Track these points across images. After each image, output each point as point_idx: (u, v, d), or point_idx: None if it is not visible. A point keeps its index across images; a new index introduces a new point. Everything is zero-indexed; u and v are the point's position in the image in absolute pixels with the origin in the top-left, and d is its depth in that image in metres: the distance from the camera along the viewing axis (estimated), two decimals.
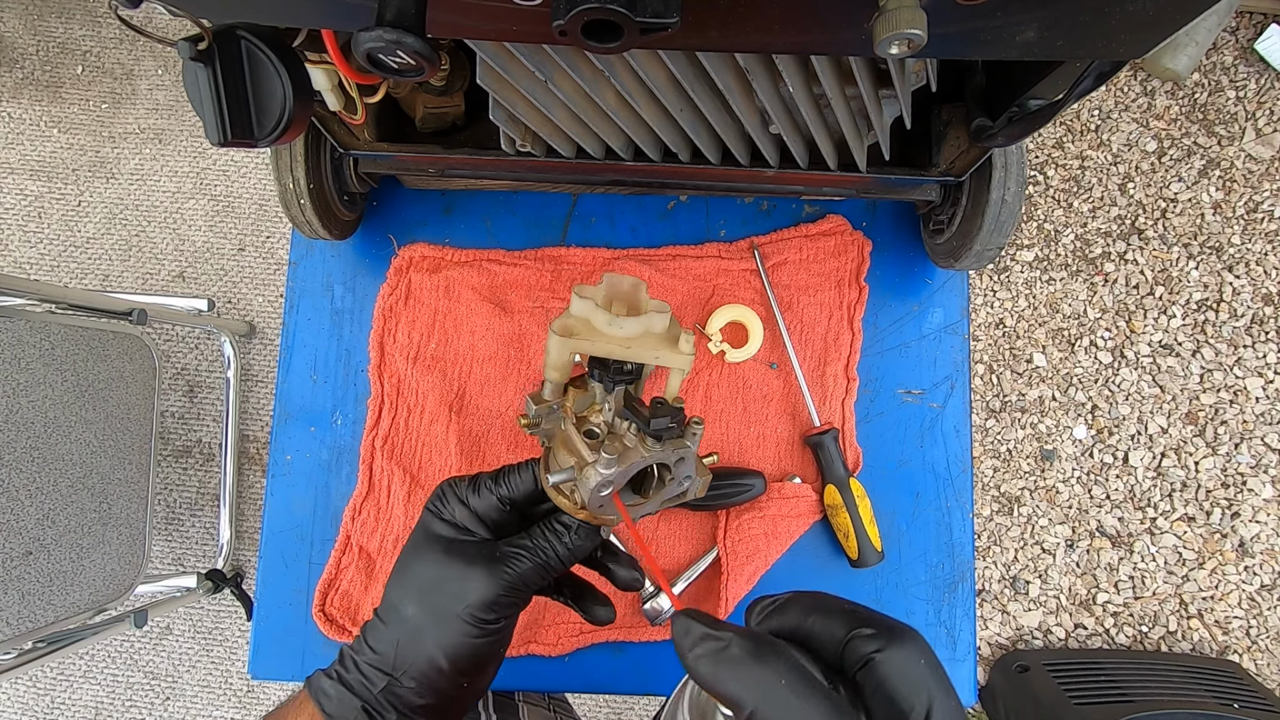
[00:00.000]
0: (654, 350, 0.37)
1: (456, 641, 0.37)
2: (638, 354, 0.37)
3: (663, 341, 0.38)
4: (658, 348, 0.37)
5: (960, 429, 0.65)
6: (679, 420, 0.37)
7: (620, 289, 0.39)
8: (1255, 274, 1.44)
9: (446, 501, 0.41)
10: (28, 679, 1.41)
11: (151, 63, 1.52)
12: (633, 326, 0.37)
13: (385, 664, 0.37)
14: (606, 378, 0.39)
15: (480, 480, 0.41)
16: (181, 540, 1.43)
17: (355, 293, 0.67)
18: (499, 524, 0.40)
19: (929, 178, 0.57)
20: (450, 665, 0.37)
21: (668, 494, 0.39)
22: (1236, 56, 1.50)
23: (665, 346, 0.37)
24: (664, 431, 0.36)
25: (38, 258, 1.48)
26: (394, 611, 0.38)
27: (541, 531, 0.39)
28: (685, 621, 0.27)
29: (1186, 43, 1.39)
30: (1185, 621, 1.38)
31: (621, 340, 0.37)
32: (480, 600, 0.37)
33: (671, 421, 0.36)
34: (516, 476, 0.40)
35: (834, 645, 0.27)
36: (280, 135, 0.38)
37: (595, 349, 0.37)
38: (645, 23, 0.26)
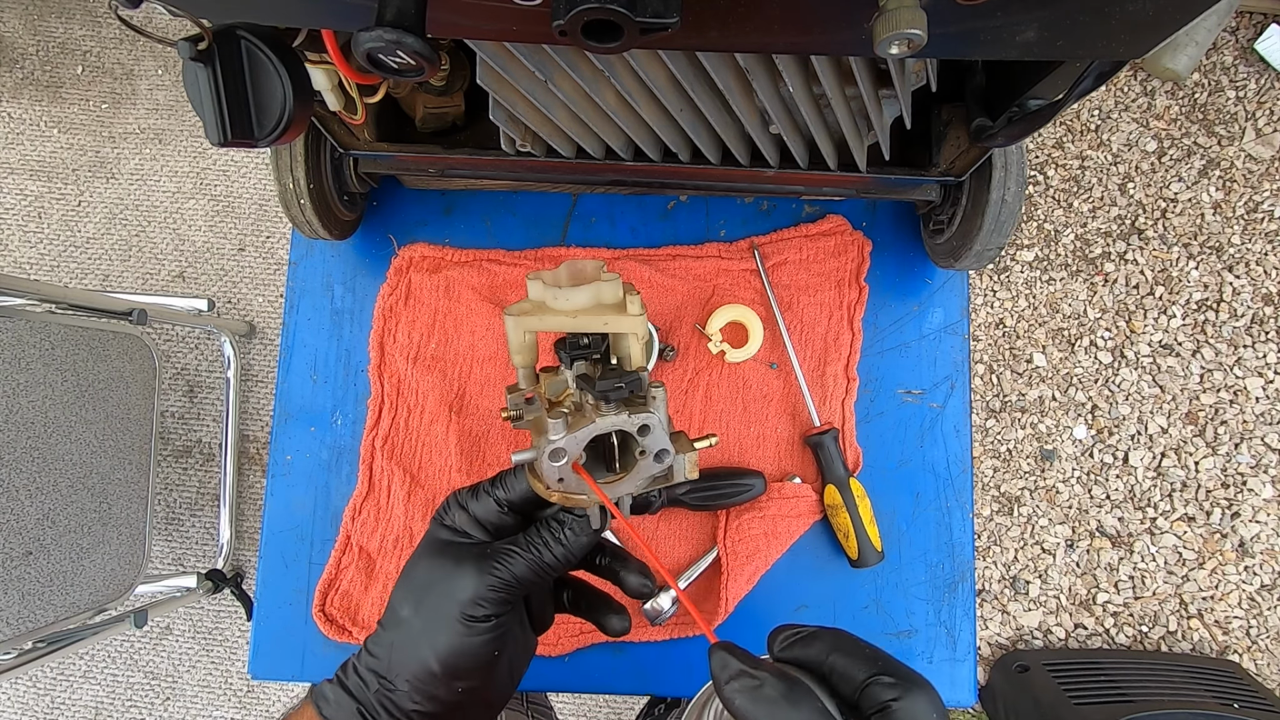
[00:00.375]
0: (601, 318, 0.36)
1: (447, 641, 0.37)
2: (585, 324, 0.37)
3: (611, 309, 0.37)
4: (605, 314, 0.36)
5: (960, 429, 0.65)
6: (632, 383, 0.36)
7: (580, 272, 0.39)
8: (1255, 274, 1.44)
9: (449, 509, 0.41)
10: (28, 679, 1.41)
11: (151, 63, 1.52)
12: (579, 297, 0.37)
13: (381, 667, 0.37)
14: (565, 354, 0.39)
15: (480, 485, 0.41)
16: (181, 540, 1.43)
17: (355, 293, 0.67)
18: (499, 527, 0.40)
19: (929, 178, 0.57)
20: (442, 667, 0.36)
21: (646, 472, 0.38)
22: (1236, 56, 1.50)
23: (613, 313, 0.37)
24: (610, 392, 0.35)
25: (38, 258, 1.48)
26: (393, 615, 0.38)
27: (536, 529, 0.39)
28: (723, 656, 0.31)
29: (1186, 43, 1.39)
30: (1185, 621, 1.38)
31: (569, 312, 0.37)
32: (468, 596, 0.37)
33: (620, 382, 0.36)
34: (512, 478, 0.40)
35: (853, 685, 0.29)
36: (280, 135, 0.38)
37: (545, 324, 0.37)
38: (645, 23, 0.26)
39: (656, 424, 0.36)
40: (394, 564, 0.63)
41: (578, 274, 0.38)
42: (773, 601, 0.63)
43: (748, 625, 0.63)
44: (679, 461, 0.38)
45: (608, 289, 0.37)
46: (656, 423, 0.36)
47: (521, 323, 0.37)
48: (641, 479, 0.38)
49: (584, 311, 0.37)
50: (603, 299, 0.37)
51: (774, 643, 0.33)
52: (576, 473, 0.36)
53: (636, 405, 0.36)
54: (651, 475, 0.38)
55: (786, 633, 0.33)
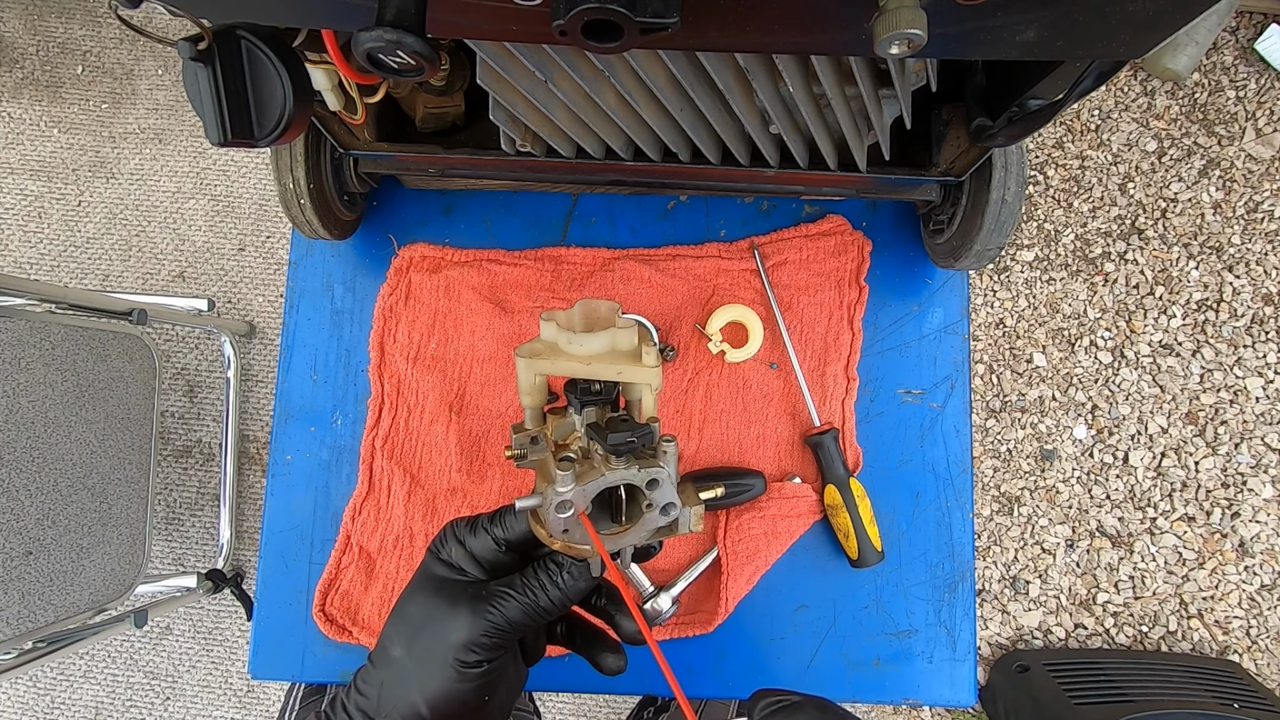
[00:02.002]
0: (615, 366, 0.36)
1: (437, 686, 0.35)
2: (599, 371, 0.36)
3: (625, 357, 0.36)
4: (619, 363, 0.36)
5: (960, 429, 0.65)
6: (644, 436, 0.35)
7: (594, 313, 0.38)
8: (1255, 274, 1.44)
9: (445, 542, 0.39)
10: (28, 679, 1.40)
11: (151, 63, 1.52)
12: (594, 344, 0.36)
13: (370, 707, 0.36)
14: (575, 399, 0.38)
15: (478, 520, 0.40)
16: (181, 540, 1.43)
17: (355, 293, 0.67)
18: (496, 565, 0.39)
19: (929, 178, 0.57)
20: (431, 712, 0.35)
21: (651, 524, 0.37)
22: (1236, 56, 1.50)
23: (627, 361, 0.36)
24: (621, 446, 0.34)
25: (38, 258, 1.48)
26: (384, 653, 0.37)
27: (533, 571, 0.38)
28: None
29: (1186, 43, 1.39)
30: (1185, 621, 1.38)
31: (582, 358, 0.36)
32: (461, 641, 0.35)
33: (631, 436, 0.35)
34: (512, 517, 0.39)
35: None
36: (280, 135, 0.38)
37: (558, 369, 0.36)
38: (645, 23, 0.26)
39: (666, 479, 0.35)
40: (394, 564, 0.63)
41: (592, 317, 0.38)
42: (773, 601, 0.63)
43: (748, 625, 0.63)
44: (684, 515, 0.37)
45: (623, 336, 0.37)
46: (666, 477, 0.35)
47: (533, 365, 0.36)
48: (646, 531, 0.37)
49: (598, 358, 0.36)
50: (618, 346, 0.37)
51: (755, 709, 0.32)
52: (581, 522, 0.35)
53: (646, 459, 0.35)
54: (656, 528, 0.37)
55: (770, 699, 0.33)
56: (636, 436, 0.35)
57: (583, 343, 0.36)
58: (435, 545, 0.40)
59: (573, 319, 0.38)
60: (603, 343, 0.36)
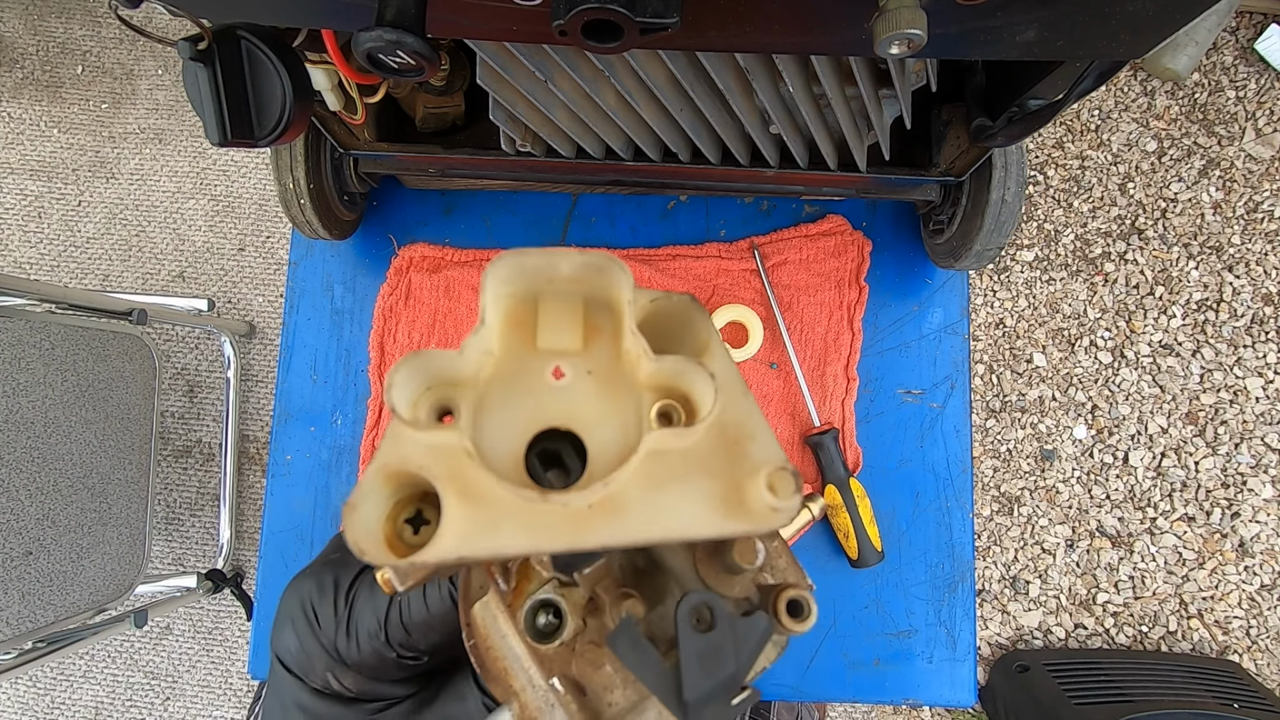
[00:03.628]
0: (675, 521, 0.18)
1: None
2: (633, 540, 0.18)
3: (697, 478, 0.18)
4: (689, 512, 0.18)
5: (960, 429, 0.65)
6: (756, 640, 0.19)
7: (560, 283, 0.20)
8: (1255, 274, 1.44)
9: (312, 657, 0.25)
10: (28, 679, 1.40)
11: (151, 63, 1.52)
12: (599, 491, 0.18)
13: None
14: (554, 560, 0.22)
15: (358, 603, 0.25)
16: (181, 540, 1.43)
17: (355, 293, 0.67)
18: (374, 668, 0.25)
19: (929, 178, 0.57)
20: None
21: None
22: (1236, 56, 1.50)
23: (708, 503, 0.18)
24: (742, 705, 0.20)
25: (38, 258, 1.48)
26: None
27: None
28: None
29: (1186, 43, 1.39)
30: (1185, 621, 1.38)
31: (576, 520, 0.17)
32: None
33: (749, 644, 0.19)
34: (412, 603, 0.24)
35: None
36: (280, 135, 0.38)
37: (499, 557, 0.20)
38: (645, 23, 0.26)
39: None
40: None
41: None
42: None
43: None
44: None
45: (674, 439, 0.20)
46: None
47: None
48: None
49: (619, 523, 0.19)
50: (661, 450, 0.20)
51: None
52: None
53: None
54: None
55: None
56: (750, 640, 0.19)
57: (569, 499, 0.17)
58: (291, 653, 0.25)
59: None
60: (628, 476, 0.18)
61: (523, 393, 0.18)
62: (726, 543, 0.22)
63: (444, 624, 0.24)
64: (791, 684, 0.62)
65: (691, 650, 0.18)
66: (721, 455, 0.18)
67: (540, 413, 0.18)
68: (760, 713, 0.66)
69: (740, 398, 0.19)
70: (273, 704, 0.26)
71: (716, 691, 0.18)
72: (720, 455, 0.18)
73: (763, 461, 0.18)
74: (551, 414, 0.18)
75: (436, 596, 0.24)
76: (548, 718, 0.21)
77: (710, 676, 0.18)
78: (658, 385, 0.19)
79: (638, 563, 0.23)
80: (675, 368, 0.18)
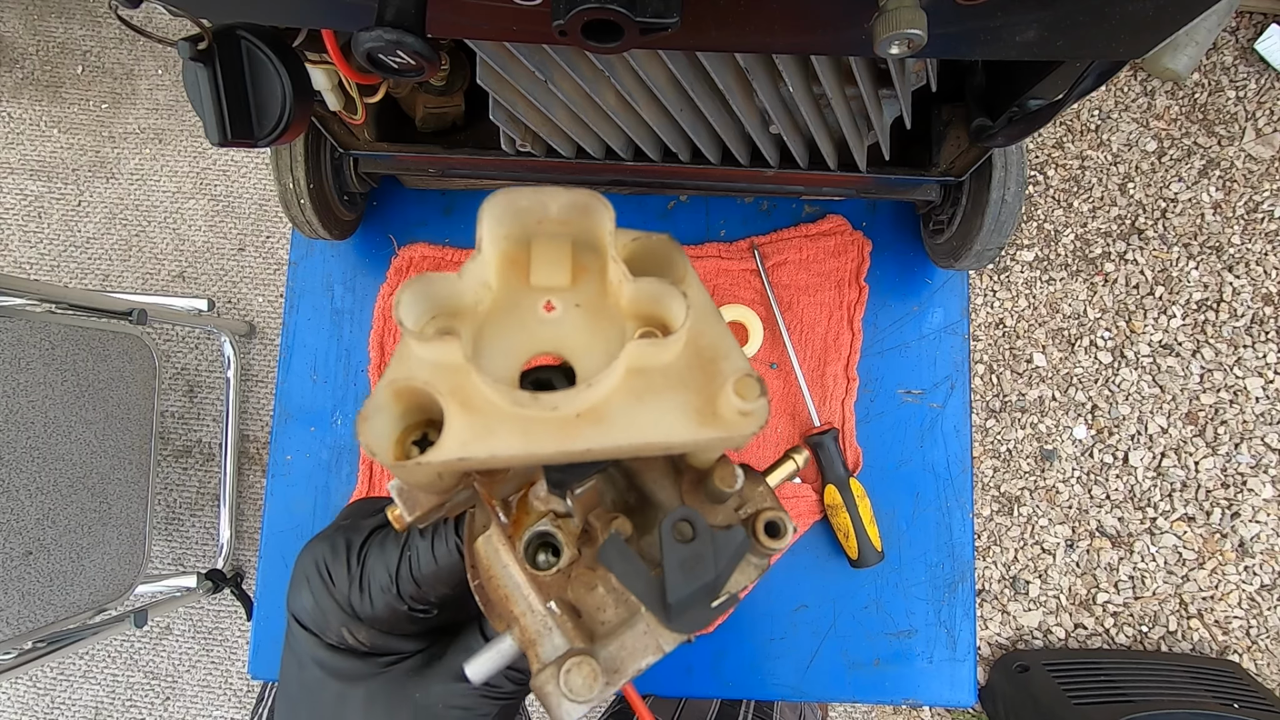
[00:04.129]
0: (655, 429, 0.19)
1: None
2: (615, 449, 0.19)
3: (675, 392, 0.20)
4: (668, 421, 0.19)
5: (960, 429, 0.65)
6: (733, 550, 0.21)
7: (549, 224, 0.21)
8: (1255, 274, 1.44)
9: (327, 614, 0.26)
10: (28, 679, 1.40)
11: (151, 63, 1.52)
12: (588, 395, 0.19)
13: None
14: (549, 475, 0.23)
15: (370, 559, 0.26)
16: (181, 540, 1.43)
17: (355, 293, 0.67)
18: (390, 623, 0.27)
19: (929, 178, 0.57)
20: None
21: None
22: (1236, 56, 1.50)
23: (685, 414, 0.19)
24: (720, 607, 0.22)
25: (38, 258, 1.48)
26: None
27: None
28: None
29: (1186, 43, 1.39)
30: (1185, 621, 1.38)
31: (564, 427, 0.19)
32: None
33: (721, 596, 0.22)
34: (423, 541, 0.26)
35: None
36: (280, 135, 0.38)
37: (497, 462, 0.19)
38: (645, 23, 0.26)
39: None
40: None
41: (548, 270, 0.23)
42: (773, 601, 0.63)
43: (747, 625, 0.63)
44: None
45: (659, 350, 0.22)
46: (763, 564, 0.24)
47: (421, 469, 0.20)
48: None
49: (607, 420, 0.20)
50: (648, 360, 0.21)
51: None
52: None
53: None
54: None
55: None
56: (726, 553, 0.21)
57: (559, 402, 0.18)
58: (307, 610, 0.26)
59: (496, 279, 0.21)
60: (605, 384, 0.19)
61: (517, 324, 0.20)
62: (708, 471, 0.24)
63: (451, 575, 0.26)
64: (792, 684, 0.62)
65: (674, 558, 0.20)
66: (696, 372, 0.20)
67: (533, 341, 0.20)
68: (764, 711, 0.66)
69: (713, 323, 0.20)
70: (290, 661, 0.28)
71: (697, 595, 0.21)
72: (695, 372, 0.20)
73: (731, 372, 0.19)
74: (543, 342, 0.20)
75: (444, 549, 0.26)
76: (545, 639, 0.23)
77: (691, 582, 0.20)
78: (639, 312, 0.20)
79: (629, 500, 0.25)
80: (651, 288, 0.20)
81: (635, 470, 0.25)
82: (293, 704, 0.28)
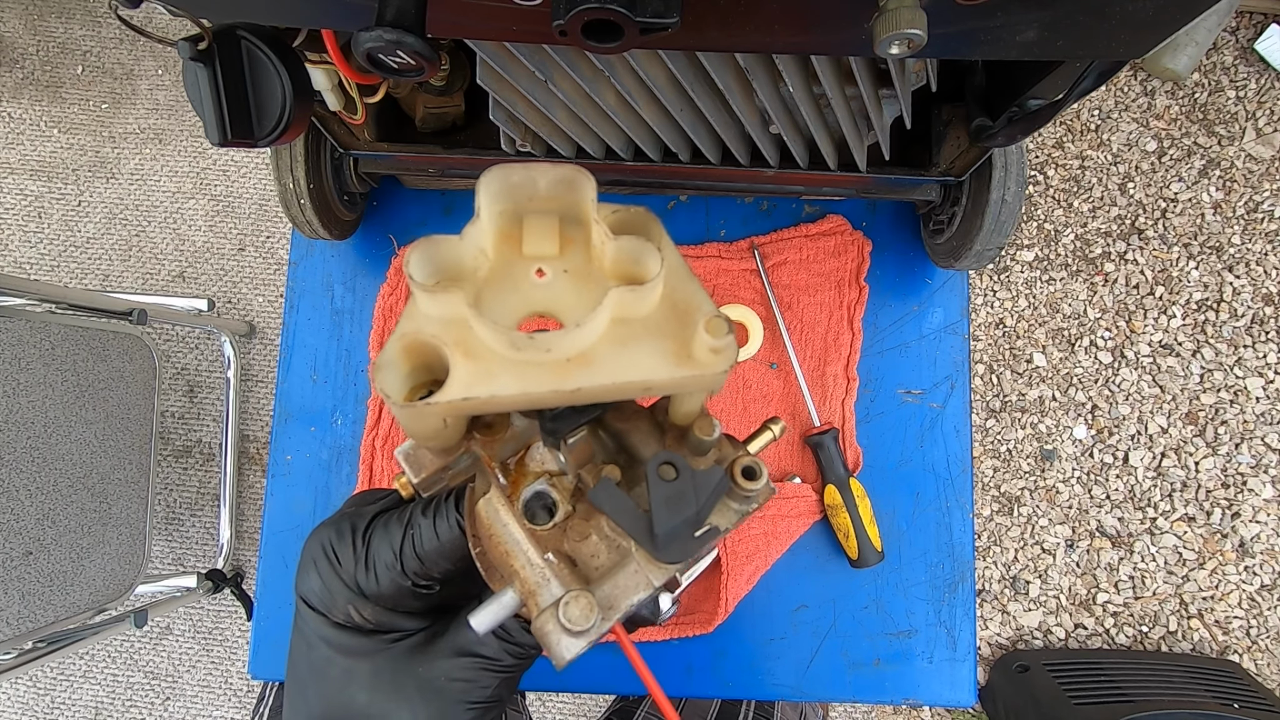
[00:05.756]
0: (638, 370, 0.21)
1: None
2: (602, 389, 0.21)
3: (654, 339, 0.22)
4: (649, 363, 0.21)
5: (960, 429, 0.65)
6: (713, 486, 0.24)
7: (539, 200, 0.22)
8: (1255, 274, 1.44)
9: (334, 593, 0.27)
10: (28, 679, 1.40)
11: (151, 63, 1.52)
12: (578, 337, 0.21)
13: None
14: (544, 424, 0.25)
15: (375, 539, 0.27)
16: (181, 540, 1.43)
17: (355, 293, 0.67)
18: (394, 600, 0.28)
19: (929, 178, 0.57)
20: None
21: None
22: (1236, 56, 1.50)
23: (664, 357, 0.21)
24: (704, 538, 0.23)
25: (38, 258, 1.48)
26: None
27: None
28: None
29: (1186, 43, 1.39)
30: (1185, 621, 1.38)
31: (557, 370, 0.21)
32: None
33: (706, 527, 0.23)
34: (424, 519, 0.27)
35: None
36: (280, 135, 0.38)
37: (497, 404, 0.21)
38: (645, 23, 0.26)
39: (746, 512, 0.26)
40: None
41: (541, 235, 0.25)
42: (772, 601, 0.63)
43: (747, 625, 0.63)
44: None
45: (639, 298, 0.24)
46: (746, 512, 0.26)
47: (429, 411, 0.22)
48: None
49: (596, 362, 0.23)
50: (630, 311, 0.24)
51: None
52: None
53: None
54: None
55: None
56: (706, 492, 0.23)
57: (553, 342, 0.21)
58: (315, 591, 0.28)
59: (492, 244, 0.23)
60: (596, 323, 0.21)
61: (511, 288, 0.22)
62: (689, 427, 0.26)
63: (453, 551, 0.27)
64: (792, 684, 0.62)
65: (660, 494, 0.23)
66: (673, 322, 0.22)
67: (527, 302, 0.22)
68: (764, 711, 0.66)
69: (686, 280, 0.23)
70: (298, 644, 0.29)
71: (682, 528, 0.23)
72: (671, 322, 0.22)
73: (702, 315, 0.22)
74: (536, 302, 0.22)
75: (445, 526, 0.27)
76: (544, 589, 0.24)
77: (676, 515, 0.23)
78: (620, 272, 0.23)
79: (619, 461, 0.27)
80: (629, 244, 0.22)
81: (622, 432, 0.27)
82: (301, 683, 0.29)
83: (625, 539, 0.25)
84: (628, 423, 0.27)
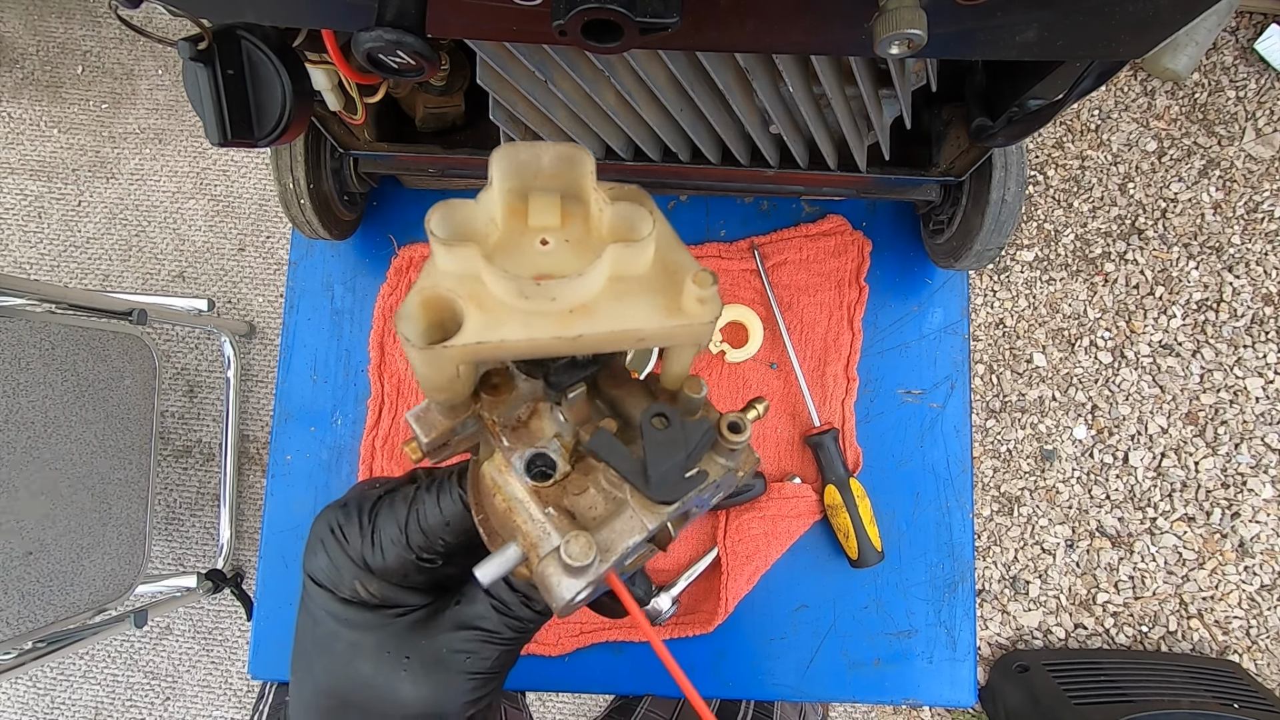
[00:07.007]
0: (633, 320, 0.23)
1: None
2: (601, 336, 0.23)
3: (648, 294, 0.24)
4: (643, 314, 0.23)
5: (960, 429, 0.65)
6: (701, 434, 0.26)
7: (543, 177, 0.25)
8: (1255, 274, 1.44)
9: (341, 569, 0.28)
10: (28, 679, 1.40)
11: (151, 63, 1.52)
12: (580, 286, 0.23)
13: None
14: (548, 377, 0.27)
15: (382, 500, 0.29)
16: (181, 540, 1.43)
17: (355, 293, 0.67)
18: (401, 575, 0.29)
19: (929, 178, 0.57)
20: None
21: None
22: (1236, 56, 1.50)
23: (656, 309, 0.23)
24: (693, 480, 0.25)
25: (38, 258, 1.48)
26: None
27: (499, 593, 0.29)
28: None
29: (1186, 43, 1.39)
30: (1185, 621, 1.38)
31: (560, 319, 0.23)
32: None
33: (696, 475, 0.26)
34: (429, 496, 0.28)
35: None
36: (280, 135, 0.38)
37: (506, 349, 0.23)
38: (645, 23, 0.26)
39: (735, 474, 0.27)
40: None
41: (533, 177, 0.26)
42: (772, 601, 0.63)
43: (747, 625, 0.63)
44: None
45: (633, 255, 0.26)
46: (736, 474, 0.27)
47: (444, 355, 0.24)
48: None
49: (597, 311, 0.25)
50: (627, 269, 0.26)
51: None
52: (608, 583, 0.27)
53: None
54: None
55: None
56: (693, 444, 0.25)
57: (557, 290, 0.22)
58: (322, 569, 0.29)
59: (502, 210, 0.25)
60: (597, 276, 0.23)
61: (518, 254, 0.24)
62: (678, 390, 0.28)
63: (456, 525, 0.28)
64: (792, 684, 0.62)
65: (653, 440, 0.25)
66: (664, 280, 0.24)
67: (532, 265, 0.24)
68: (764, 710, 0.66)
69: (676, 246, 0.25)
70: (304, 621, 0.30)
71: (673, 470, 0.25)
72: (663, 281, 0.24)
73: (689, 270, 0.24)
74: (541, 267, 0.24)
75: (448, 500, 0.28)
76: (545, 542, 0.25)
77: (667, 459, 0.25)
78: (617, 234, 0.25)
79: (615, 426, 0.29)
80: (625, 209, 0.24)
81: (617, 398, 0.29)
82: (307, 657, 0.30)
83: (621, 489, 0.27)
84: (621, 389, 0.29)
